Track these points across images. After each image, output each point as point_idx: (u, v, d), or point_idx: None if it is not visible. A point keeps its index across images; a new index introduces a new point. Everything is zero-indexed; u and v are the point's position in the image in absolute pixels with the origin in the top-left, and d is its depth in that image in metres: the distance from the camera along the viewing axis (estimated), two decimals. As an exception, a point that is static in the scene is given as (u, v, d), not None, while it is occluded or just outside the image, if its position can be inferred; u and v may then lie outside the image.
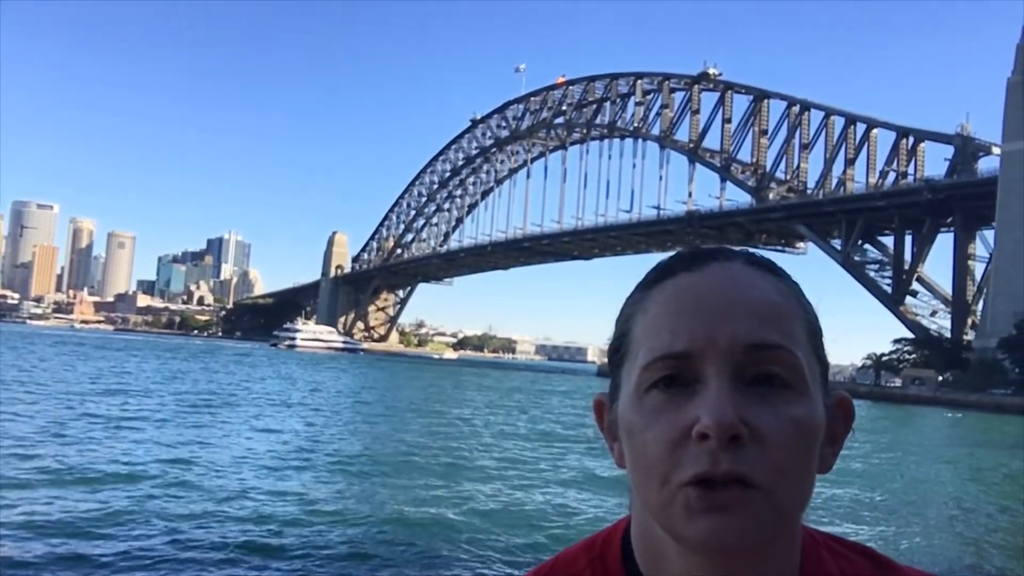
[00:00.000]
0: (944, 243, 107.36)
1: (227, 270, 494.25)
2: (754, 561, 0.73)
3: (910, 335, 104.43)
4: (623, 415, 0.75)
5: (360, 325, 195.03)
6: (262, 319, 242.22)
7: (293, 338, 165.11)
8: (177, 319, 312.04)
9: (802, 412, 0.71)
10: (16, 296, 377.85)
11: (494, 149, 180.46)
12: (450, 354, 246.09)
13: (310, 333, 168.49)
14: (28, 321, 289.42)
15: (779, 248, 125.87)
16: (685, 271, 0.77)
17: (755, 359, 0.71)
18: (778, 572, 0.76)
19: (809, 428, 0.72)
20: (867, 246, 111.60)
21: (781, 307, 0.75)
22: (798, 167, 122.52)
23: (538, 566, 0.85)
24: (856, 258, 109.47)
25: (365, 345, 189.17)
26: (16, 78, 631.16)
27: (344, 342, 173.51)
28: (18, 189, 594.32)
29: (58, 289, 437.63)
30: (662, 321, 0.74)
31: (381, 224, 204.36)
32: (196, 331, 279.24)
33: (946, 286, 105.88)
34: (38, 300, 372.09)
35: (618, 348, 0.79)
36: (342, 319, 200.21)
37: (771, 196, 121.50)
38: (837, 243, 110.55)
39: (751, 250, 0.80)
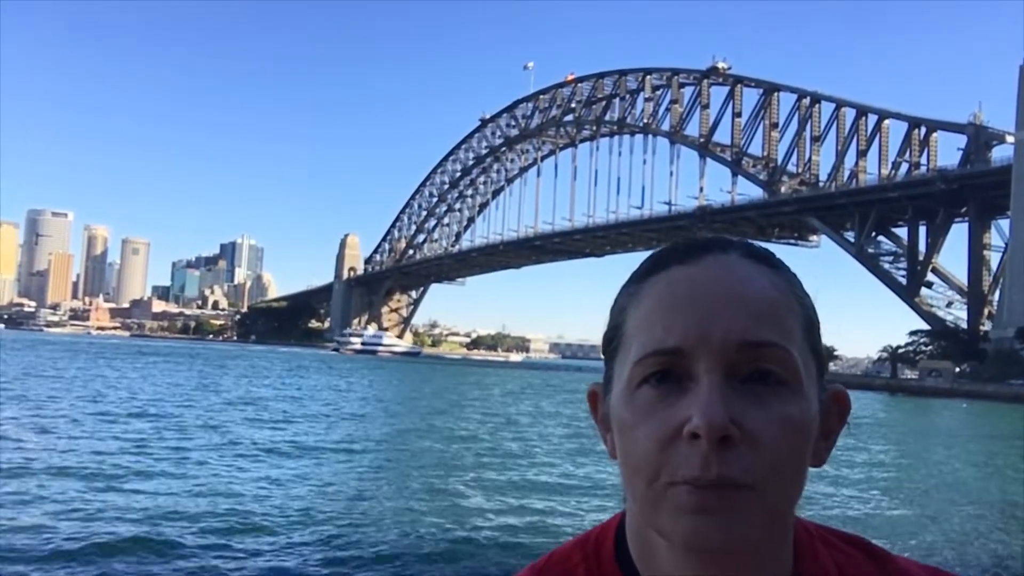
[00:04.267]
0: (959, 233, 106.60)
1: (241, 274, 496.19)
2: (745, 556, 0.72)
3: (926, 327, 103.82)
4: (615, 410, 0.74)
5: (374, 326, 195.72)
6: (276, 322, 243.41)
7: (353, 343, 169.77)
8: (192, 324, 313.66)
9: (796, 410, 0.70)
10: (33, 304, 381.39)
11: (504, 148, 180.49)
12: (515, 357, 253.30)
13: (371, 338, 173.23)
14: (45, 328, 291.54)
15: (792, 242, 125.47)
16: (679, 263, 0.75)
17: (749, 357, 0.70)
18: (770, 567, 0.75)
19: (802, 426, 0.71)
20: (881, 238, 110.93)
21: (777, 303, 0.73)
22: (810, 160, 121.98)
23: (532, 564, 0.84)
24: (870, 250, 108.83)
25: (425, 350, 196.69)
26: (28, 87, 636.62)
27: (406, 347, 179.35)
28: (33, 198, 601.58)
29: (74, 296, 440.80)
30: (655, 315, 0.73)
31: (393, 225, 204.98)
32: (211, 336, 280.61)
33: (961, 276, 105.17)
34: (54, 307, 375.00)
35: (611, 340, 0.78)
36: (356, 321, 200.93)
37: (783, 189, 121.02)
38: (850, 235, 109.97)
39: (748, 240, 0.78)
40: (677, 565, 0.73)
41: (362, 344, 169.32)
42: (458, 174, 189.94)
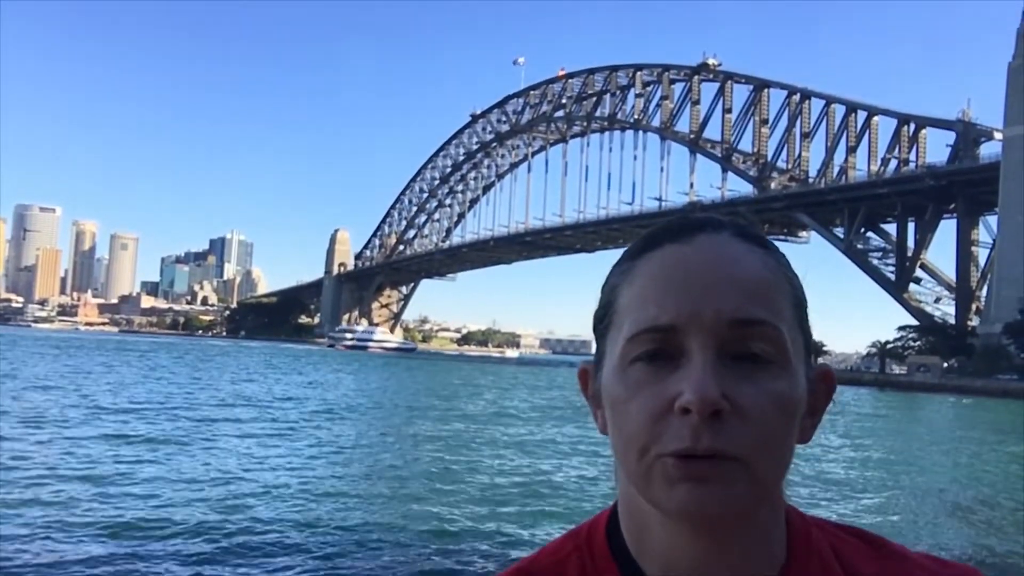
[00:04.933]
0: (947, 229, 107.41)
1: (230, 270, 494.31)
2: (736, 532, 0.73)
3: (915, 322, 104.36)
4: (607, 386, 0.75)
5: (364, 322, 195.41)
6: (266, 318, 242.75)
7: (348, 339, 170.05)
8: (181, 320, 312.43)
9: (784, 387, 0.71)
10: (20, 299, 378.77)
11: (494, 144, 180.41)
12: (512, 353, 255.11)
13: (366, 334, 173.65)
14: (33, 324, 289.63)
15: (782, 237, 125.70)
16: (672, 242, 0.76)
17: (740, 334, 0.71)
18: (764, 543, 0.76)
19: (790, 403, 0.72)
20: (870, 234, 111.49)
21: (768, 282, 0.74)
22: (799, 156, 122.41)
23: (524, 557, 0.85)
24: (859, 246, 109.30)
25: (419, 345, 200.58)
26: (16, 80, 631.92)
27: (399, 342, 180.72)
28: (20, 192, 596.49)
29: (62, 292, 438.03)
30: (648, 293, 0.74)
31: (383, 221, 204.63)
32: (200, 331, 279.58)
33: (950, 272, 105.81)
34: (42, 303, 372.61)
35: (603, 318, 0.79)
36: (346, 316, 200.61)
37: (773, 185, 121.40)
38: (840, 231, 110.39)
39: (739, 221, 0.79)
40: (671, 542, 0.74)
41: (357, 340, 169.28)
42: (448, 170, 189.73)
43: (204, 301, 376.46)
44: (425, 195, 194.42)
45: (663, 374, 0.71)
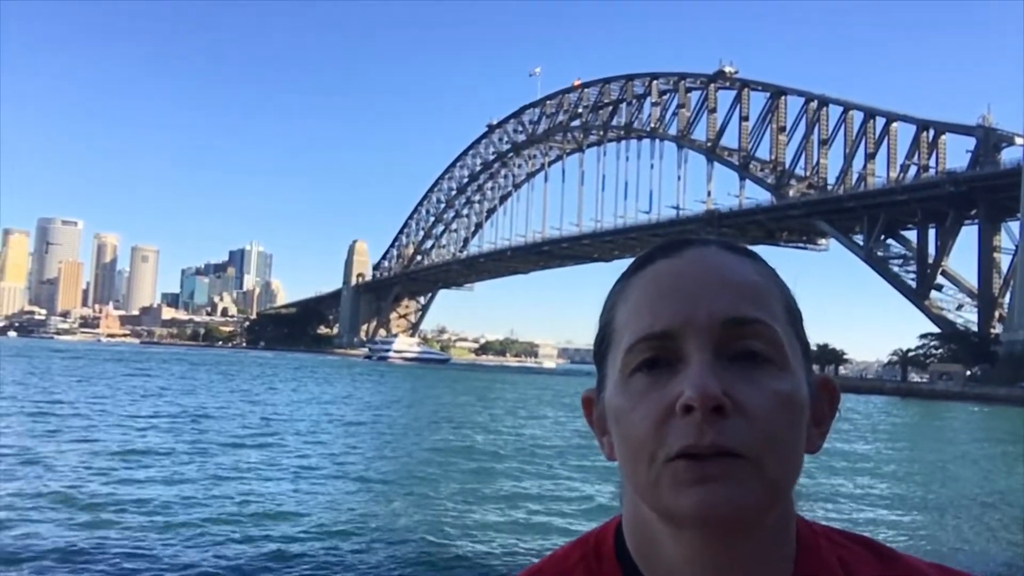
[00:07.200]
0: (968, 236, 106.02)
1: (250, 281, 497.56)
2: (745, 541, 0.73)
3: (936, 330, 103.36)
4: (610, 401, 0.76)
5: (382, 332, 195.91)
6: (285, 329, 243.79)
7: (385, 351, 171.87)
8: (202, 331, 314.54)
9: (784, 386, 0.72)
10: (43, 312, 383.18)
11: (511, 154, 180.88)
12: (549, 363, 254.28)
13: (402, 345, 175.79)
14: (55, 336, 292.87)
15: (801, 245, 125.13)
16: (663, 258, 0.78)
17: (735, 334, 0.72)
18: (771, 555, 0.75)
19: (792, 402, 0.72)
20: (890, 241, 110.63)
21: (759, 285, 0.76)
22: (818, 163, 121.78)
23: (531, 565, 0.85)
24: (879, 253, 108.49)
25: (453, 357, 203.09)
26: (37, 95, 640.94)
27: (436, 353, 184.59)
28: (43, 206, 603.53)
29: (84, 304, 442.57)
30: (643, 305, 0.76)
31: (401, 231, 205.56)
32: (220, 342, 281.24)
33: (971, 279, 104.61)
34: (65, 315, 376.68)
35: (602, 340, 0.80)
36: (364, 327, 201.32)
37: (791, 193, 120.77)
38: (859, 239, 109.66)
39: (726, 239, 0.82)
40: (678, 553, 0.74)
41: (393, 351, 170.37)
42: (466, 180, 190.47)
43: (224, 312, 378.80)
44: (442, 205, 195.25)
45: (663, 380, 0.72)
